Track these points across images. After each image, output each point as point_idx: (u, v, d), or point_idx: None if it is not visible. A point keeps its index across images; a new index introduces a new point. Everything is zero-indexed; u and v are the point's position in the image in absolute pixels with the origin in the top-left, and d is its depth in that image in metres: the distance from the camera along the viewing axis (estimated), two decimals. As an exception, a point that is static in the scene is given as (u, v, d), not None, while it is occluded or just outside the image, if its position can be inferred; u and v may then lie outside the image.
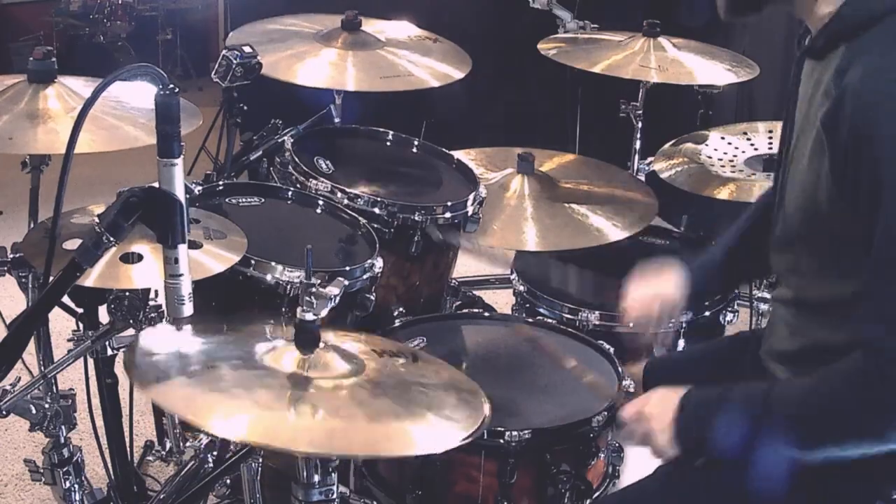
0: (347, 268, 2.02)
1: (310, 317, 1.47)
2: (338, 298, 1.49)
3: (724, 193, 2.58)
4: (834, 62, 1.41)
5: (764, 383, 1.54)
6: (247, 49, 2.39)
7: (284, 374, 1.44)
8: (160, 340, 1.55)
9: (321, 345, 1.50)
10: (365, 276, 2.04)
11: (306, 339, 1.49)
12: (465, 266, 3.66)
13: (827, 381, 1.43)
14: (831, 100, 1.38)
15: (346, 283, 1.96)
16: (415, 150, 2.62)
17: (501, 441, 1.74)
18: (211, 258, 1.78)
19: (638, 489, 1.71)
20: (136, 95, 2.03)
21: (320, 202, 2.26)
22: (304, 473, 1.47)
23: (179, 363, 1.47)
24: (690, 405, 1.55)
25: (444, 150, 2.60)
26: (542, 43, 3.04)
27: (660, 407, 1.58)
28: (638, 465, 1.94)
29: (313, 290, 1.47)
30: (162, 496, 2.12)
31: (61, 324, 2.06)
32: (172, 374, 1.42)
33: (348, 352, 1.57)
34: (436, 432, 1.44)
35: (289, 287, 1.93)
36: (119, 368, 2.07)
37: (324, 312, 1.49)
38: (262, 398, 1.39)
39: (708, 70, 2.86)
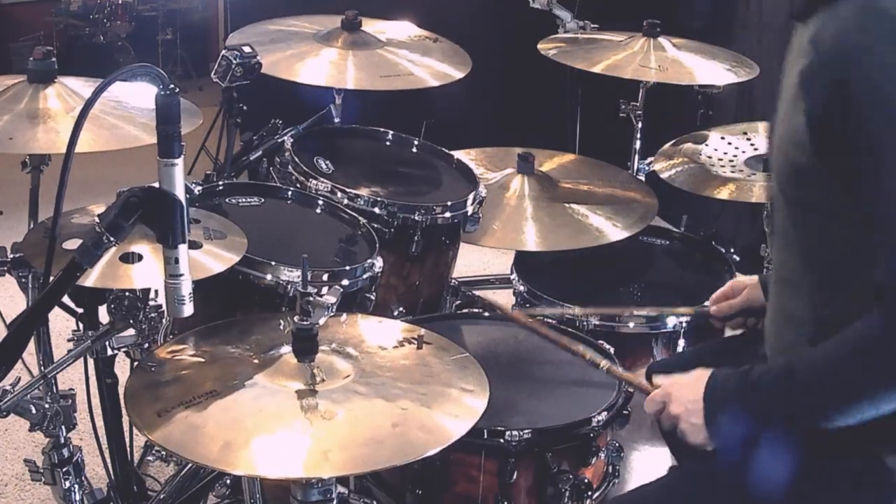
0: (347, 268, 2.02)
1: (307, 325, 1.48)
2: (335, 307, 1.50)
3: (724, 193, 2.58)
4: (813, 24, 1.44)
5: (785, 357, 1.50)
6: (246, 49, 2.39)
7: (293, 392, 1.45)
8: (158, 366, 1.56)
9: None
10: (365, 276, 2.04)
11: (304, 348, 1.49)
12: (466, 266, 3.66)
13: (852, 333, 1.39)
14: (807, 55, 1.40)
15: (346, 282, 1.98)
16: (414, 149, 2.62)
17: (501, 441, 1.74)
18: (211, 258, 1.78)
19: (640, 495, 1.70)
20: (136, 95, 2.02)
21: (320, 202, 2.26)
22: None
23: (181, 392, 1.46)
24: (718, 381, 1.51)
25: (443, 149, 2.60)
26: (542, 43, 3.04)
27: (686, 387, 1.55)
28: (640, 465, 1.95)
29: (310, 298, 1.47)
30: (162, 496, 2.12)
31: (61, 324, 2.06)
32: (175, 407, 1.41)
33: (350, 354, 1.58)
34: (461, 409, 1.48)
35: (289, 287, 1.93)
36: (119, 368, 2.06)
37: (322, 321, 1.50)
38: (280, 424, 1.40)
39: (708, 70, 2.85)
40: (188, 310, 1.40)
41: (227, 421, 1.40)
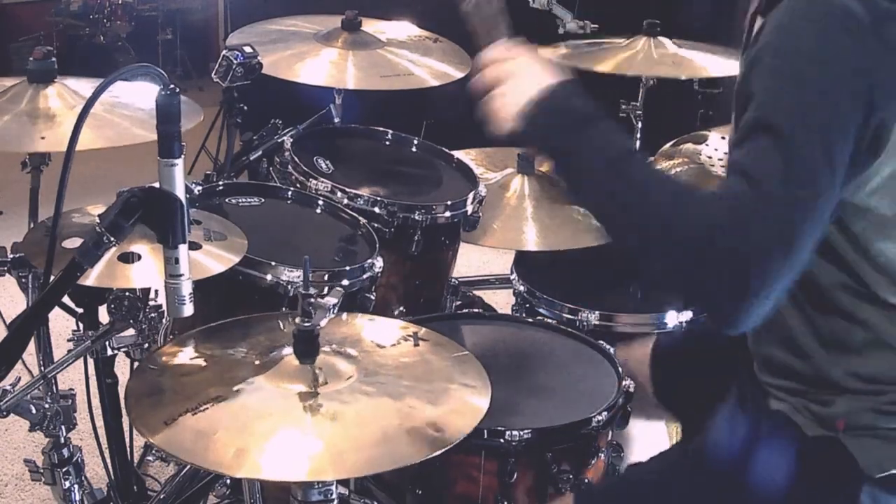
0: (347, 267, 2.02)
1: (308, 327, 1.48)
2: (336, 308, 1.50)
3: (724, 193, 2.57)
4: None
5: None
6: (247, 49, 2.39)
7: (299, 395, 1.45)
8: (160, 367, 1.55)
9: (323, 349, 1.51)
10: (365, 276, 2.04)
11: (306, 349, 1.49)
12: (466, 266, 3.66)
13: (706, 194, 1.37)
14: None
15: (346, 282, 1.98)
16: (414, 149, 2.62)
17: (502, 441, 1.74)
18: (211, 259, 1.78)
19: (630, 479, 1.71)
20: (136, 95, 2.03)
21: (320, 202, 2.26)
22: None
23: (185, 399, 1.45)
24: (558, 98, 1.49)
25: (443, 149, 2.60)
26: (543, 50, 3.03)
27: (524, 75, 1.52)
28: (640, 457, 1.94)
29: (312, 299, 1.47)
30: (162, 496, 2.12)
31: (61, 324, 2.06)
32: (181, 414, 1.40)
33: (350, 354, 1.57)
34: (464, 405, 1.48)
35: (289, 287, 1.93)
36: (119, 368, 2.07)
37: (323, 323, 1.50)
38: (290, 427, 1.39)
39: (716, 62, 2.86)
40: (188, 310, 1.40)
41: (237, 427, 1.39)
